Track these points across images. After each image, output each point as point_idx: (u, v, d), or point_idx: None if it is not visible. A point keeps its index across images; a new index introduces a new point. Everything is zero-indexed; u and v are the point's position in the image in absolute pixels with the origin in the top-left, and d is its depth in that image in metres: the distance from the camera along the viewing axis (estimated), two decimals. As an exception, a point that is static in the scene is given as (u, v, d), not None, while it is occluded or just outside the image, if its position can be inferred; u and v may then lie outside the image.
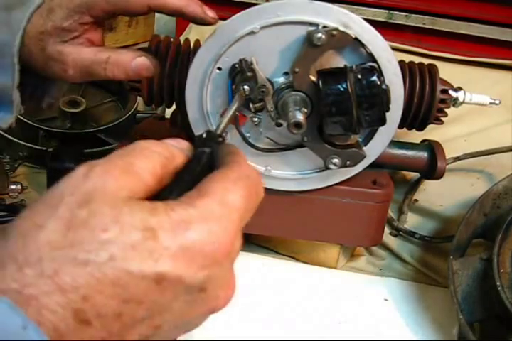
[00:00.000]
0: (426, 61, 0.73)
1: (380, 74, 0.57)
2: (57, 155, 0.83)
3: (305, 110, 0.58)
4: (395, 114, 0.62)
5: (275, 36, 0.59)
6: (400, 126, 0.70)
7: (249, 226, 0.32)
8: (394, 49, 0.61)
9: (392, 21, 0.94)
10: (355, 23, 0.58)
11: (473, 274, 0.65)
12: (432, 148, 0.75)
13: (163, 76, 0.67)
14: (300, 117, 0.56)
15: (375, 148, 0.65)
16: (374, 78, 0.55)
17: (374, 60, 0.59)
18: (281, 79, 0.60)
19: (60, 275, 0.26)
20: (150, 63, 0.56)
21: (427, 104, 0.69)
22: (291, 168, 0.67)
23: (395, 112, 0.62)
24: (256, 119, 0.63)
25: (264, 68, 0.58)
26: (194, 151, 0.35)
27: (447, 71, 0.73)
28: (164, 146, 0.33)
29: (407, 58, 0.74)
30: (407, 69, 0.70)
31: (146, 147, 0.32)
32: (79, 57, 0.54)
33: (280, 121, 0.61)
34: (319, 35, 0.56)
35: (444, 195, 0.82)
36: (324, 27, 0.57)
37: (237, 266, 0.32)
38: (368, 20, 0.59)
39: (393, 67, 0.60)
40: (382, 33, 0.59)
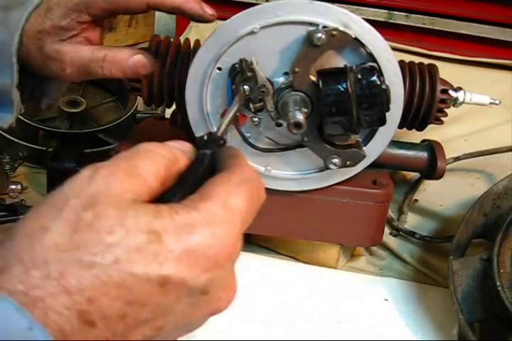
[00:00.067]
0: (426, 61, 0.73)
1: (380, 74, 0.57)
2: (57, 155, 0.83)
3: (305, 110, 0.58)
4: (395, 114, 0.62)
5: (275, 36, 0.59)
6: (400, 126, 0.70)
7: (249, 226, 0.32)
8: (394, 49, 0.61)
9: (392, 21, 0.94)
10: (355, 23, 0.58)
11: (473, 274, 0.65)
12: (432, 148, 0.75)
13: (163, 76, 0.67)
14: (300, 117, 0.56)
15: (375, 148, 0.65)
16: (374, 78, 0.55)
17: (374, 60, 0.59)
18: (281, 79, 0.60)
19: (66, 277, 0.26)
20: (147, 61, 0.56)
21: (427, 104, 0.69)
22: (291, 168, 0.67)
23: (395, 112, 0.62)
24: (256, 119, 0.63)
25: (264, 68, 0.58)
26: (196, 153, 0.35)
27: (447, 71, 0.73)
28: (168, 149, 0.33)
29: (407, 58, 0.74)
30: (407, 69, 0.70)
31: (150, 149, 0.32)
32: (76, 55, 0.54)
33: (280, 121, 0.61)
34: (319, 35, 0.56)
35: (444, 195, 0.82)
36: (324, 27, 0.57)
37: (237, 266, 0.32)
38: (368, 20, 0.59)
39: (393, 67, 0.60)
40: (382, 33, 0.59)
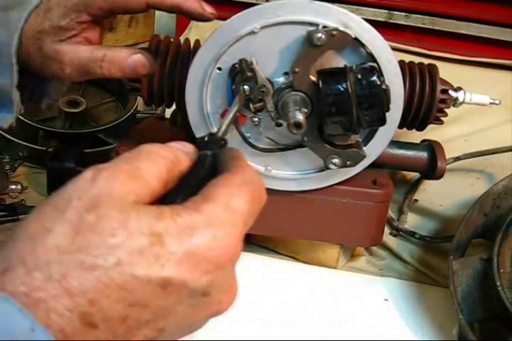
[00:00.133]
0: (426, 61, 0.73)
1: (380, 74, 0.57)
2: (57, 155, 0.83)
3: (305, 110, 0.58)
4: (395, 114, 0.62)
5: (275, 36, 0.59)
6: (400, 126, 0.70)
7: (249, 226, 0.32)
8: (394, 49, 0.61)
9: (392, 21, 0.94)
10: (355, 23, 0.58)
11: (473, 274, 0.65)
12: (432, 148, 0.75)
13: (163, 76, 0.67)
14: (300, 117, 0.56)
15: (375, 148, 0.65)
16: (374, 78, 0.55)
17: (374, 60, 0.59)
18: (281, 79, 0.60)
19: (68, 279, 0.26)
20: (146, 60, 0.56)
21: (427, 104, 0.69)
22: (291, 168, 0.67)
23: (395, 112, 0.62)
24: (256, 119, 0.63)
25: (264, 68, 0.58)
26: (198, 154, 0.35)
27: (447, 71, 0.73)
28: (170, 150, 0.33)
29: (407, 58, 0.74)
30: (407, 69, 0.70)
31: (152, 150, 0.32)
32: (75, 55, 0.54)
33: (280, 121, 0.61)
34: (319, 35, 0.56)
35: (444, 195, 0.82)
36: (324, 27, 0.57)
37: (237, 266, 0.32)
38: (368, 20, 0.59)
39: (393, 67, 0.60)
40: (382, 33, 0.59)
